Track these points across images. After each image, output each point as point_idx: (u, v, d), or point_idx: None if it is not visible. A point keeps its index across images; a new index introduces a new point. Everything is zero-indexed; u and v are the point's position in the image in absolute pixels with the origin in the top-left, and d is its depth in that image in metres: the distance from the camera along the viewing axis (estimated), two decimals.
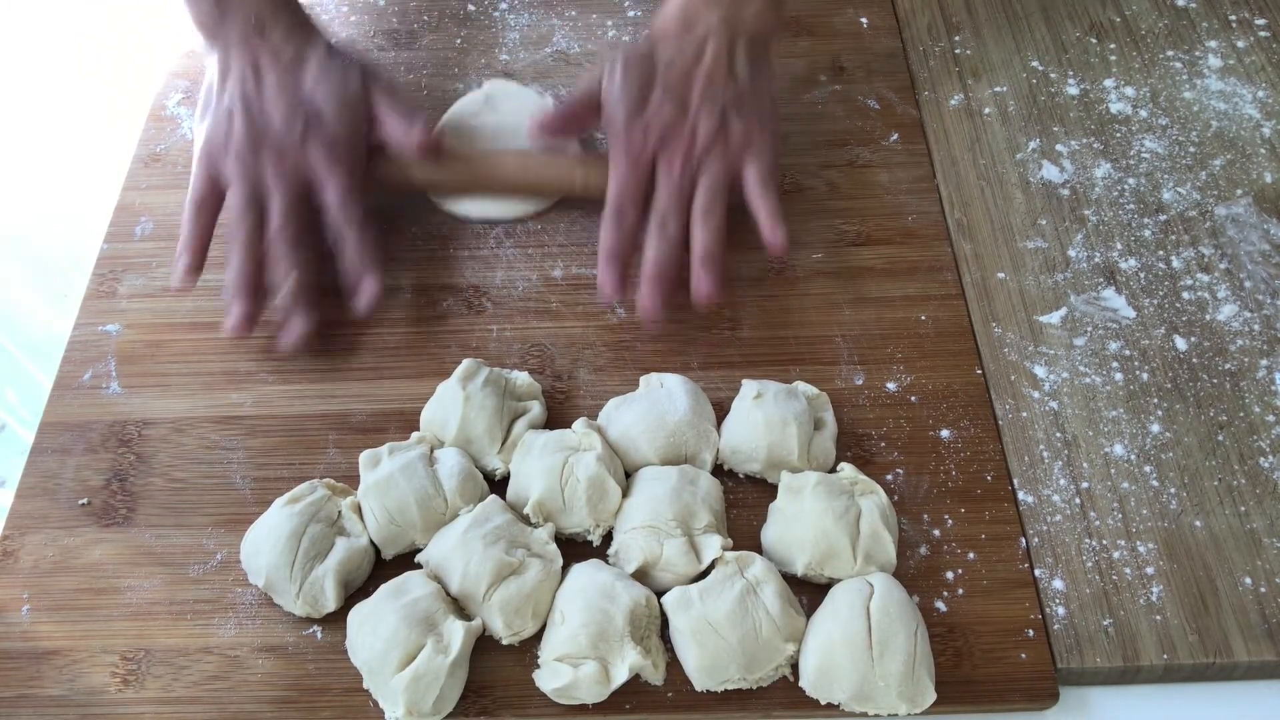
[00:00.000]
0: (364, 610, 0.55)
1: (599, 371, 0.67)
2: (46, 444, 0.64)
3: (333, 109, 0.67)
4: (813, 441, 0.60)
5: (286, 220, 0.65)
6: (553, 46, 0.85)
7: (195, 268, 0.66)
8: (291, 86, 0.67)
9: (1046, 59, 0.82)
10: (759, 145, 0.66)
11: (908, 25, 0.85)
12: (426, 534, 0.58)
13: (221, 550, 0.60)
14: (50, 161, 0.84)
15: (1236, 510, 0.60)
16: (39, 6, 0.95)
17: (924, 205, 0.74)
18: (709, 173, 0.66)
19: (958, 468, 0.62)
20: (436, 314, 0.70)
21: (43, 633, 0.58)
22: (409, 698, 0.52)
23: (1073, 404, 0.64)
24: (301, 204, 0.66)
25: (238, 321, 0.64)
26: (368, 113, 0.69)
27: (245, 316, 0.64)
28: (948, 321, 0.68)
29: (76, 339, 0.69)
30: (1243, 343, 0.66)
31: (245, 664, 0.56)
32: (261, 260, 0.65)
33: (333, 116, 0.67)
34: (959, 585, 0.58)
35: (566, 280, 0.71)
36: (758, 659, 0.53)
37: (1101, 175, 0.75)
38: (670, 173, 0.65)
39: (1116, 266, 0.70)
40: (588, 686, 0.52)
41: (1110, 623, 0.56)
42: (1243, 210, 0.72)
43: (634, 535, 0.57)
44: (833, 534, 0.56)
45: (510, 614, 0.54)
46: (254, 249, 0.65)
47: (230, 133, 0.66)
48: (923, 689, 0.52)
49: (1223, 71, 0.80)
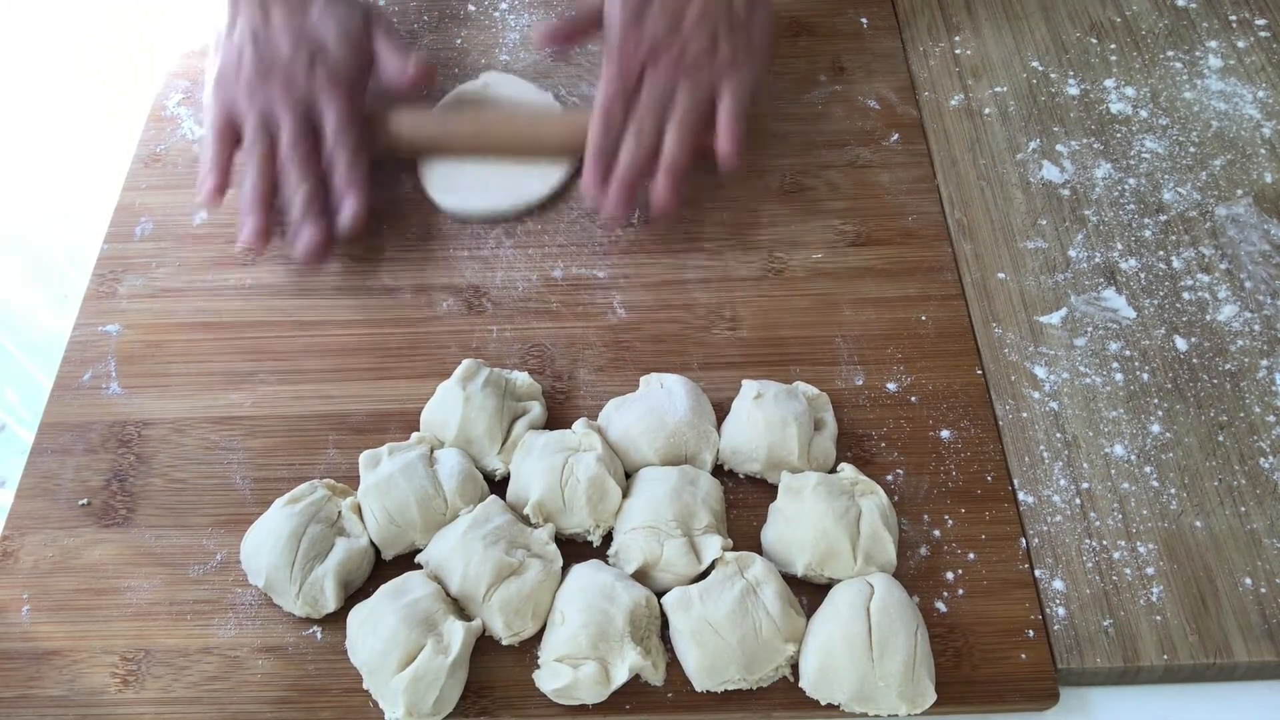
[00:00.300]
0: (364, 610, 0.55)
1: (599, 371, 0.67)
2: (46, 444, 0.64)
3: (336, 41, 0.71)
4: (813, 442, 0.60)
5: (296, 141, 0.69)
6: (553, 46, 0.84)
7: (221, 187, 0.69)
8: (298, 22, 0.71)
9: (1046, 59, 0.82)
10: (742, 69, 0.70)
11: (908, 25, 0.85)
12: (426, 534, 0.58)
13: (221, 550, 0.60)
14: (50, 161, 0.84)
15: (1237, 510, 0.60)
16: (39, 6, 0.95)
17: (924, 205, 0.74)
18: (689, 86, 0.69)
19: (958, 468, 0.62)
20: (436, 314, 0.70)
21: (43, 633, 0.58)
22: (409, 698, 0.52)
23: (1073, 404, 0.64)
24: (309, 127, 0.70)
25: (251, 232, 0.68)
26: (369, 48, 0.74)
27: (259, 228, 0.68)
28: (948, 322, 0.68)
29: (76, 339, 0.69)
30: (1243, 343, 0.66)
31: (245, 664, 0.56)
32: (274, 179, 0.69)
33: (336, 48, 0.71)
34: (959, 586, 0.58)
35: (566, 280, 0.71)
36: (758, 659, 0.53)
37: (1102, 175, 0.75)
38: (655, 82, 0.69)
39: (1117, 267, 0.70)
40: (588, 687, 0.52)
41: (1110, 623, 0.56)
42: (1243, 210, 0.72)
43: (634, 536, 0.57)
44: (833, 534, 0.56)
45: (510, 614, 0.54)
46: (267, 168, 0.69)
47: (240, 65, 0.70)
48: (923, 689, 0.52)
49: (1223, 72, 0.80)
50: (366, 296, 0.70)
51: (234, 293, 0.71)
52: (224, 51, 0.71)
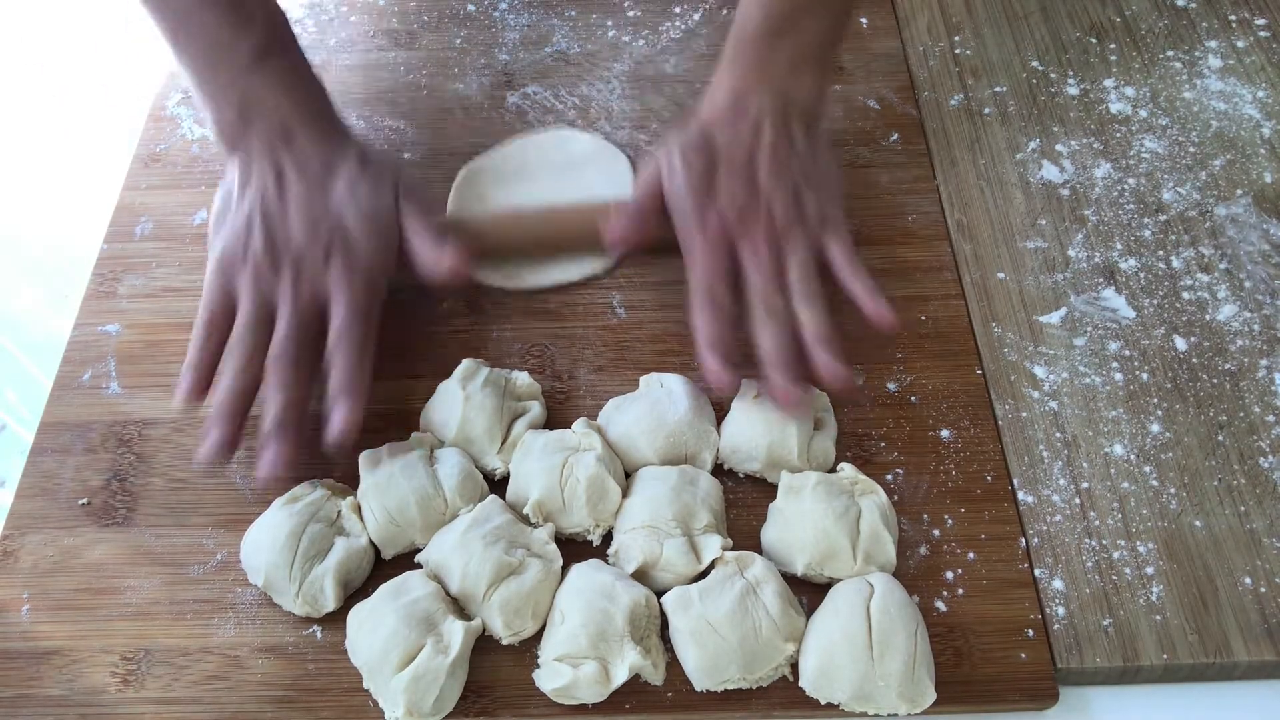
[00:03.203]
0: (364, 610, 0.55)
1: (599, 371, 0.67)
2: (46, 444, 0.64)
3: (360, 228, 0.63)
4: (813, 441, 0.60)
5: (290, 340, 0.60)
6: (553, 46, 0.85)
7: (200, 391, 0.61)
8: (318, 200, 0.63)
9: (1046, 59, 0.82)
10: (835, 219, 0.64)
11: (908, 25, 0.85)
12: (426, 534, 0.58)
13: (221, 550, 0.60)
14: (50, 161, 0.84)
15: (1236, 510, 0.60)
16: (39, 6, 0.95)
17: (924, 205, 0.74)
18: (797, 251, 0.62)
19: (958, 468, 0.62)
20: (436, 314, 0.70)
21: (43, 633, 0.58)
22: (409, 698, 0.52)
23: (1073, 404, 0.64)
24: (311, 324, 0.61)
25: (211, 449, 0.59)
26: (396, 230, 0.65)
27: (220, 443, 0.59)
28: (948, 321, 0.68)
29: (76, 339, 0.69)
30: (1243, 343, 0.66)
31: (245, 664, 0.56)
32: (255, 383, 0.60)
33: (360, 236, 0.63)
34: (959, 585, 0.58)
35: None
36: (758, 659, 0.53)
37: (1101, 175, 0.75)
38: (757, 254, 0.62)
39: (1116, 266, 0.70)
40: (588, 686, 0.52)
41: (1110, 623, 0.56)
42: (1243, 210, 0.72)
43: (634, 535, 0.57)
44: (833, 534, 0.56)
45: (510, 614, 0.54)
46: (250, 372, 0.60)
47: (248, 245, 0.62)
48: (923, 689, 0.52)
49: (1223, 71, 0.80)
50: None
51: None
52: (230, 225, 0.63)
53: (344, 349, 0.60)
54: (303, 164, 0.64)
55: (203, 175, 0.77)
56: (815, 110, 0.66)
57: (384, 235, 0.64)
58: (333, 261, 0.62)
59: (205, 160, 0.78)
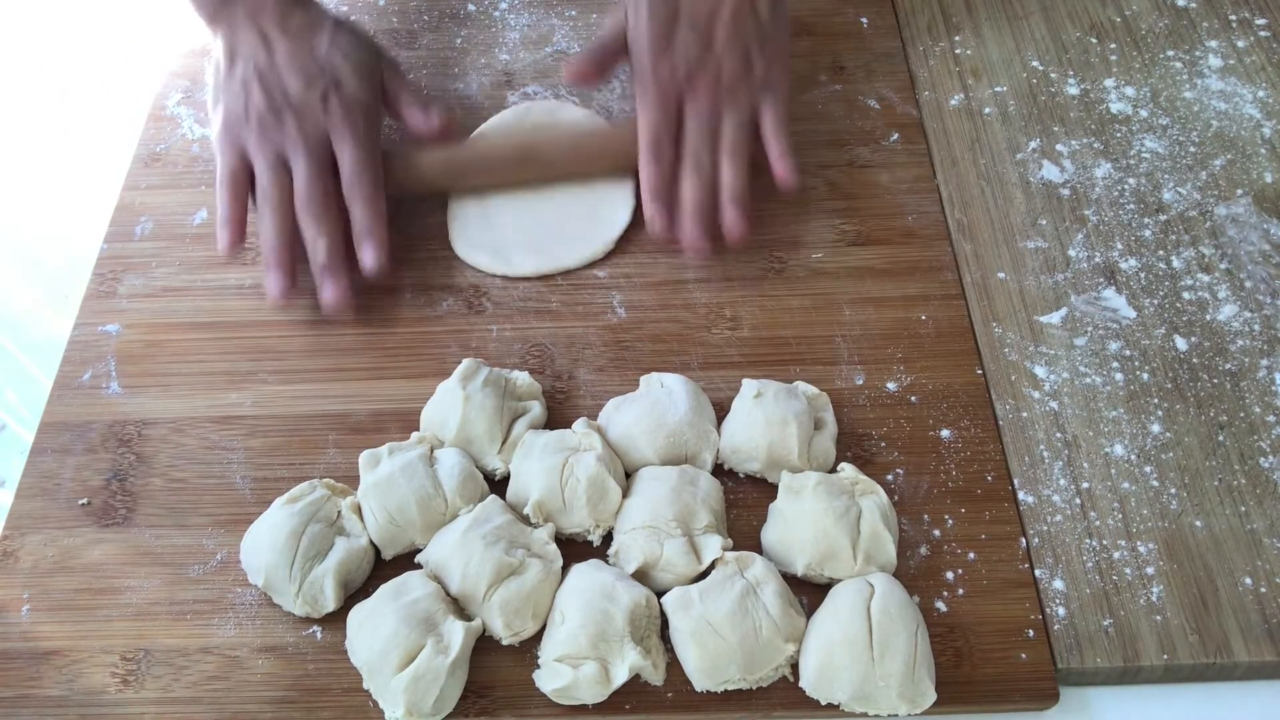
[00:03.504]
0: (364, 610, 0.55)
1: (599, 371, 0.67)
2: (46, 444, 0.64)
3: (349, 73, 0.68)
4: (813, 441, 0.60)
5: (312, 183, 0.66)
6: (553, 46, 0.85)
7: (237, 239, 0.67)
8: (305, 53, 0.68)
9: (1046, 59, 0.82)
10: (778, 85, 0.69)
11: (908, 25, 0.85)
12: (426, 534, 0.58)
13: (221, 550, 0.60)
14: (50, 161, 0.84)
15: (1237, 510, 0.60)
16: (39, 6, 0.95)
17: (924, 205, 0.74)
18: (734, 110, 0.67)
19: (958, 468, 0.62)
20: (436, 314, 0.70)
21: (43, 633, 0.58)
22: (409, 698, 0.52)
23: (1073, 404, 0.64)
24: (325, 164, 0.67)
25: (277, 292, 0.66)
26: (381, 83, 0.71)
27: (283, 287, 0.66)
28: (948, 321, 0.68)
29: (76, 339, 0.69)
30: (1243, 343, 0.66)
31: (245, 664, 0.56)
32: (293, 225, 0.66)
33: (349, 80, 0.68)
34: (959, 585, 0.58)
35: (566, 280, 0.71)
36: (758, 659, 0.53)
37: (1102, 175, 0.75)
38: (699, 110, 0.67)
39: (1117, 266, 0.70)
40: (588, 687, 0.52)
41: (1110, 623, 0.56)
42: (1243, 210, 0.72)
43: (634, 535, 0.57)
44: (833, 534, 0.56)
45: (510, 614, 0.54)
46: (284, 215, 0.66)
47: (249, 103, 0.67)
48: (923, 689, 0.52)
49: (1223, 71, 0.80)
50: (366, 296, 0.70)
51: (234, 292, 0.71)
52: (228, 92, 0.68)
53: (360, 186, 0.66)
54: (285, 25, 0.69)
55: (203, 175, 0.77)
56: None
57: (373, 78, 0.70)
58: (330, 104, 0.67)
59: (205, 160, 0.78)
